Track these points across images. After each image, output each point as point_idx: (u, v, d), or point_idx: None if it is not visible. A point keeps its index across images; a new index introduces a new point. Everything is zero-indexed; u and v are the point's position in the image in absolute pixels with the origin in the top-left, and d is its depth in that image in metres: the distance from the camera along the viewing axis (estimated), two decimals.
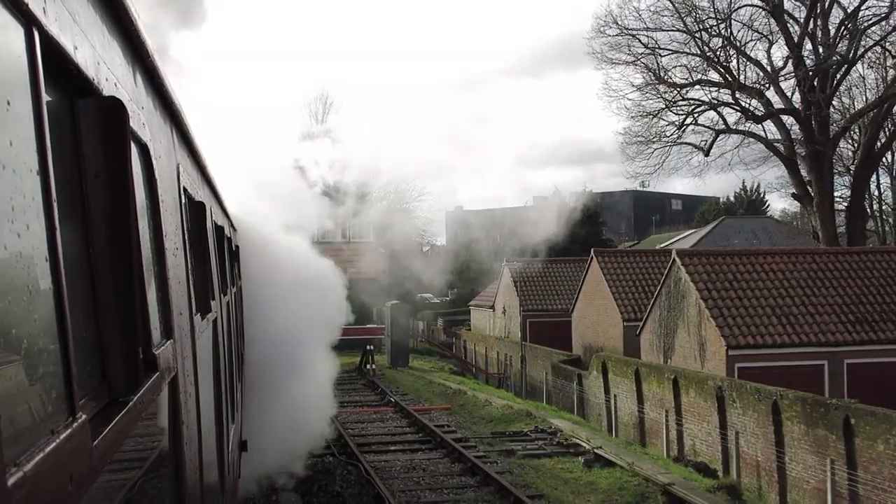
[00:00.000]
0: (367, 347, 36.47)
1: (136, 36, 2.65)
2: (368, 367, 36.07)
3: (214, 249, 6.44)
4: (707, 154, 41.32)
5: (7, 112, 1.44)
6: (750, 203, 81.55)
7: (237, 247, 11.35)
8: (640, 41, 40.03)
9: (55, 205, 1.64)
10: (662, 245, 64.21)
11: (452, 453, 20.32)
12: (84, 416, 1.65)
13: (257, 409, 12.94)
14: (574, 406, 30.73)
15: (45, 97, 1.63)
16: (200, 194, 5.37)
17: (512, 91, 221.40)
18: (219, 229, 7.46)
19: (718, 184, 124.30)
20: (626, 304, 35.00)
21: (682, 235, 66.05)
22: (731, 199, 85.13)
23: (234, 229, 10.87)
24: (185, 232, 4.03)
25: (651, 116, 41.14)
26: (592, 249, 39.20)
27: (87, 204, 2.05)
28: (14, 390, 1.36)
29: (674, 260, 27.61)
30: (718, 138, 41.14)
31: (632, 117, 41.78)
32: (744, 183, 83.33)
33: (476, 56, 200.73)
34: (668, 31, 39.70)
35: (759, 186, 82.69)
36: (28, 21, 1.54)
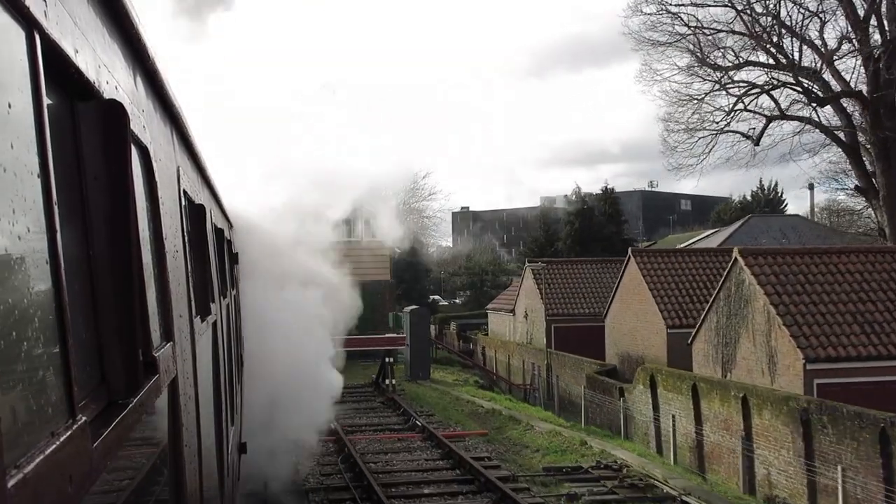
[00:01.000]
0: (387, 360, 31.77)
1: (136, 38, 2.66)
2: (388, 382, 31.48)
3: (214, 252, 6.44)
4: (757, 143, 37.16)
5: (8, 114, 1.44)
6: (768, 202, 78.25)
7: (236, 253, 11.33)
8: (681, 19, 36.21)
9: (56, 207, 1.64)
10: (683, 245, 61.42)
11: (504, 501, 16.32)
12: (84, 419, 1.66)
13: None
14: (620, 426, 27.06)
15: (46, 100, 1.64)
16: (200, 197, 5.38)
17: (516, 92, 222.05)
18: (218, 231, 7.46)
19: (725, 184, 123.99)
20: (670, 310, 31.30)
21: (703, 235, 62.72)
22: (748, 198, 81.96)
23: (231, 226, 10.78)
24: (185, 234, 4.03)
25: (696, 101, 37.36)
26: (630, 249, 35.50)
27: (88, 206, 2.05)
28: (14, 392, 1.36)
29: (735, 259, 23.87)
30: (770, 125, 36.71)
31: (674, 103, 38.03)
32: (761, 181, 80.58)
33: (479, 57, 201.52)
34: (712, 6, 35.77)
35: (776, 185, 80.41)
36: (29, 24, 1.55)
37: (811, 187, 61.25)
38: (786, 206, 79.22)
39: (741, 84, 37.15)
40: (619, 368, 33.47)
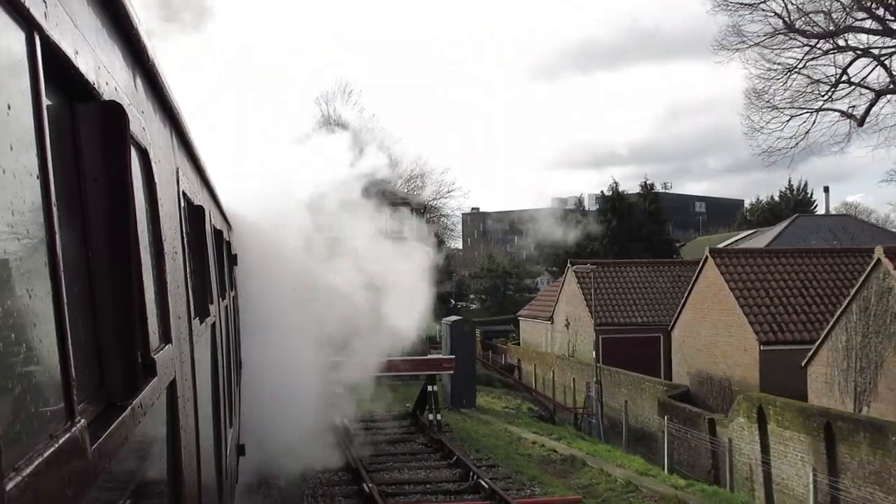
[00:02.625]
0: (429, 389, 23.95)
1: (136, 40, 2.66)
2: (431, 416, 23.57)
3: (213, 253, 6.44)
4: (861, 123, 32.31)
5: (7, 116, 1.44)
6: (797, 203, 72.45)
7: (235, 254, 11.29)
8: None
9: (55, 209, 1.64)
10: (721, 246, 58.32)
11: None
12: (83, 421, 1.65)
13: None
14: (708, 466, 21.85)
15: (46, 101, 1.64)
16: (199, 198, 5.38)
17: (526, 94, 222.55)
18: (217, 233, 7.46)
19: (734, 187, 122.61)
20: (762, 322, 25.63)
21: (740, 236, 56.94)
22: (776, 198, 76.75)
23: (230, 227, 10.62)
24: (184, 236, 4.03)
25: (790, 72, 32.57)
26: (708, 249, 29.92)
27: (87, 208, 2.05)
28: (13, 394, 1.36)
29: (877, 262, 19.12)
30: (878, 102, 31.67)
31: (759, 75, 33.29)
32: (790, 181, 75.74)
33: (490, 59, 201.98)
34: None
35: (805, 184, 75.17)
36: (29, 26, 1.54)
37: (826, 190, 59.48)
38: (815, 206, 73.10)
39: (846, 48, 31.58)
40: (695, 391, 28.02)
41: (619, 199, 58.84)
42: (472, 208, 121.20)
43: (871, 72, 32.24)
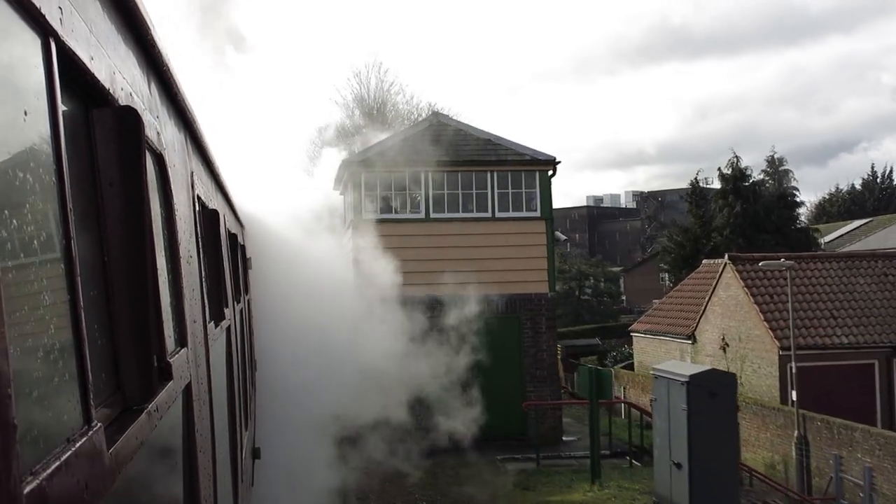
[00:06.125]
0: None
1: (151, 45, 2.67)
2: None
3: (228, 257, 6.46)
4: None
5: (24, 121, 1.45)
6: (882, 192, 65.43)
7: (250, 257, 11.28)
8: None
9: (71, 213, 1.65)
10: (830, 240, 46.78)
11: None
12: (99, 425, 1.66)
13: None
14: None
15: (62, 107, 1.65)
16: (214, 202, 5.40)
17: (553, 94, 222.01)
18: (232, 237, 7.49)
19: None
20: None
21: (847, 229, 48.03)
22: (857, 187, 69.79)
23: (242, 226, 10.23)
24: (199, 240, 4.05)
25: None
26: None
27: (103, 212, 2.06)
28: (30, 399, 1.37)
29: None
30: None
31: None
32: (872, 167, 69.50)
33: (517, 59, 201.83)
34: None
35: (892, 171, 68.40)
36: (45, 32, 1.55)
37: None
38: None
39: None
40: None
41: (742, 178, 45.21)
42: None
43: None
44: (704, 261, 33.86)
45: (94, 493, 1.57)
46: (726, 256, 28.09)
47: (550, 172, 21.98)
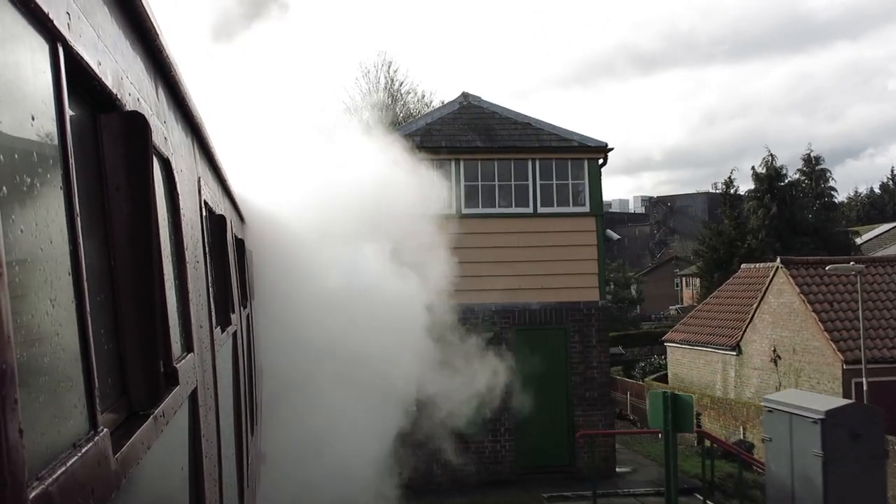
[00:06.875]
0: None
1: (158, 50, 2.68)
2: None
3: (234, 262, 6.47)
4: None
5: (31, 126, 1.45)
6: None
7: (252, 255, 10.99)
8: None
9: (78, 218, 1.65)
10: (860, 243, 44.39)
11: None
12: (105, 430, 1.66)
13: None
14: None
15: (69, 112, 1.65)
16: (221, 207, 5.40)
17: (560, 100, 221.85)
18: (239, 242, 7.49)
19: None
20: None
21: (876, 232, 46.02)
22: (876, 190, 68.03)
23: (244, 221, 9.54)
24: (206, 245, 4.05)
25: None
26: None
27: (110, 217, 2.06)
28: (36, 404, 1.36)
29: None
30: None
31: None
32: (892, 171, 68.43)
33: (525, 65, 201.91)
34: None
35: None
36: (53, 37, 1.56)
37: None
38: None
39: None
40: None
41: (777, 178, 42.83)
42: None
43: None
44: (743, 265, 31.76)
45: (99, 499, 1.56)
46: (778, 260, 25.42)
47: (601, 161, 18.62)
